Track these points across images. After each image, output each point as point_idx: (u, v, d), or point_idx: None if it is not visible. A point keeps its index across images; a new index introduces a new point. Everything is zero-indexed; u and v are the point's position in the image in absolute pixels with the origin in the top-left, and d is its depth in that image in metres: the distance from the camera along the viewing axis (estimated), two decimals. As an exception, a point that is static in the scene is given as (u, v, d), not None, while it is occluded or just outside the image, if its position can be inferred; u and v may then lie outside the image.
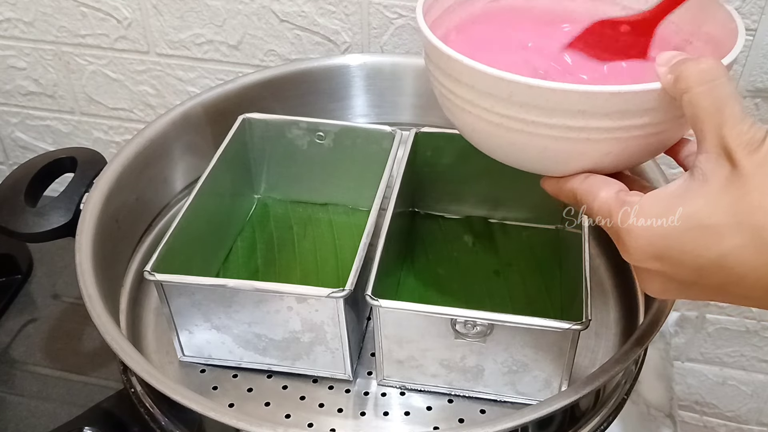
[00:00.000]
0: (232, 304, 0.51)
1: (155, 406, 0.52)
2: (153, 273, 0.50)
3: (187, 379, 0.55)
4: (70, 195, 0.59)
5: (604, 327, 0.59)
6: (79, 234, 0.55)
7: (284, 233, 0.65)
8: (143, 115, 0.87)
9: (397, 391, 0.54)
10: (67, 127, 0.90)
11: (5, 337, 0.70)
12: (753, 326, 0.88)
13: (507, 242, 0.64)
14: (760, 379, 0.92)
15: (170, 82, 0.83)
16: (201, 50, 0.80)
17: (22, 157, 0.93)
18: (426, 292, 0.59)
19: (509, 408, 0.53)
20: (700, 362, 0.92)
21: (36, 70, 0.86)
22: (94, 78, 0.85)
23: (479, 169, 0.63)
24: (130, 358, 0.47)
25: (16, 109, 0.90)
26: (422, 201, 0.66)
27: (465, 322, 0.48)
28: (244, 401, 0.54)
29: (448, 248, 0.63)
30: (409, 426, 0.52)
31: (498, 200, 0.65)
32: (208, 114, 0.67)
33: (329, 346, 0.52)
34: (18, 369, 0.68)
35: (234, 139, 0.62)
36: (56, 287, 0.76)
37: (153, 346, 0.58)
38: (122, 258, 0.61)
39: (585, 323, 0.47)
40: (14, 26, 0.83)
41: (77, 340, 0.71)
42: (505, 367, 0.50)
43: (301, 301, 0.49)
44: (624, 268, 0.62)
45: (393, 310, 0.49)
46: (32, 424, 0.63)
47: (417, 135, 0.61)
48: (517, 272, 0.61)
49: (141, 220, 0.64)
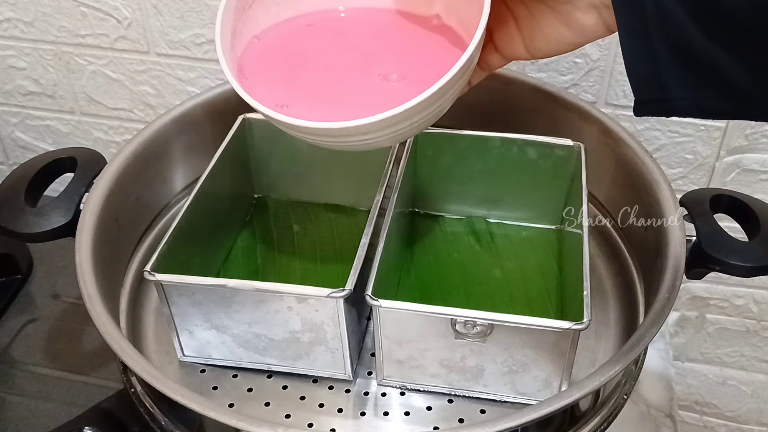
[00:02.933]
0: (232, 304, 0.51)
1: (155, 406, 0.52)
2: (153, 273, 0.50)
3: (187, 379, 0.55)
4: (70, 195, 0.59)
5: (604, 327, 0.59)
6: (79, 234, 0.55)
7: (284, 233, 0.65)
8: (143, 115, 0.87)
9: (397, 391, 0.54)
10: (67, 127, 0.90)
11: (5, 337, 0.70)
12: (753, 326, 0.88)
13: (507, 242, 0.64)
14: (760, 379, 0.92)
15: (170, 82, 0.83)
16: (201, 50, 0.80)
17: (22, 157, 0.93)
18: (426, 292, 0.59)
19: (509, 408, 0.53)
20: (700, 362, 0.93)
21: (36, 70, 0.86)
22: (94, 78, 0.85)
23: (479, 169, 0.63)
24: (130, 358, 0.47)
25: (16, 109, 0.90)
26: (422, 201, 0.66)
27: (465, 322, 0.48)
28: (244, 401, 0.54)
29: (448, 248, 0.63)
30: (409, 426, 0.52)
31: (498, 200, 0.65)
32: (208, 114, 0.67)
33: (329, 346, 0.52)
34: (18, 369, 0.68)
35: (234, 139, 0.62)
36: (56, 287, 0.76)
37: (153, 346, 0.58)
38: (122, 258, 0.61)
39: (585, 323, 0.47)
40: (14, 26, 0.83)
41: (77, 340, 0.71)
42: (505, 367, 0.50)
43: (301, 301, 0.49)
44: (624, 268, 0.62)
45: (393, 310, 0.49)
46: (32, 424, 0.63)
47: (417, 135, 0.61)
48: (517, 272, 0.61)
49: (141, 220, 0.64)
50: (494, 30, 0.46)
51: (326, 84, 0.49)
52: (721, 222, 0.56)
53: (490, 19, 0.43)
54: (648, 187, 0.58)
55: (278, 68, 0.50)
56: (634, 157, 0.60)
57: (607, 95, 0.74)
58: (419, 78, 0.47)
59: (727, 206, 0.59)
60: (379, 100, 0.47)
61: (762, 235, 0.55)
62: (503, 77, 0.68)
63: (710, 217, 0.57)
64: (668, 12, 0.36)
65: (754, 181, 0.77)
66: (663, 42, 0.37)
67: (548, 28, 0.43)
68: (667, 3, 0.36)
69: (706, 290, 0.86)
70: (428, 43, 0.50)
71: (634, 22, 0.38)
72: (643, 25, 0.37)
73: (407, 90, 0.45)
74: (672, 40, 0.37)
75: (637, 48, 0.38)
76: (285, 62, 0.50)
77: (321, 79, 0.50)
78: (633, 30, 0.38)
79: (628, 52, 0.39)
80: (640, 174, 0.59)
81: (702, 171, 0.77)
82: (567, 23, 0.42)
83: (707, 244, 0.55)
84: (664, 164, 0.76)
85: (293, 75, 0.50)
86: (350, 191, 0.66)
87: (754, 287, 0.84)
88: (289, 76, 0.50)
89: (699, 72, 0.37)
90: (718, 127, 0.74)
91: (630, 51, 0.39)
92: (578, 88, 0.75)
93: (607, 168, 0.63)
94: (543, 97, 0.67)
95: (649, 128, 0.75)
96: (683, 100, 0.38)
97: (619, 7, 0.38)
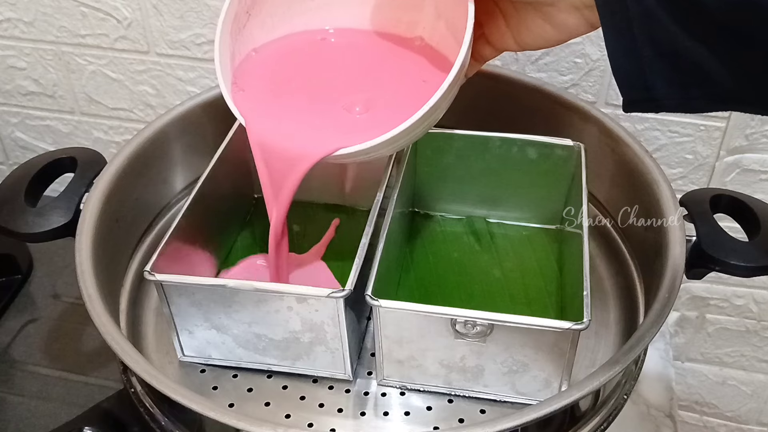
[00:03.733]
0: (232, 304, 0.51)
1: (155, 406, 0.52)
2: (153, 273, 0.50)
3: (187, 379, 0.55)
4: (70, 195, 0.59)
5: (604, 327, 0.59)
6: (79, 234, 0.55)
7: (284, 233, 0.65)
8: (143, 115, 0.87)
9: (397, 391, 0.54)
10: (67, 127, 0.90)
11: (5, 337, 0.70)
12: (753, 326, 0.88)
13: (507, 242, 0.64)
14: (760, 379, 0.92)
15: (170, 82, 0.83)
16: (201, 50, 0.80)
17: (22, 157, 0.93)
18: (426, 292, 0.59)
19: (509, 408, 0.53)
20: (700, 362, 0.93)
21: (36, 70, 0.86)
22: (94, 78, 0.85)
23: (479, 169, 0.63)
24: (130, 358, 0.47)
25: (16, 109, 0.90)
26: (422, 201, 0.66)
27: (465, 322, 0.48)
28: (244, 401, 0.54)
29: (448, 248, 0.63)
30: (409, 426, 0.52)
31: (498, 200, 0.65)
32: (208, 114, 0.67)
33: (329, 346, 0.52)
34: (18, 369, 0.68)
35: (234, 139, 0.62)
36: (56, 287, 0.76)
37: (153, 346, 0.58)
38: (122, 258, 0.61)
39: (585, 323, 0.47)
40: (14, 26, 0.83)
41: (77, 340, 0.71)
42: (505, 367, 0.50)
43: (301, 301, 0.49)
44: (624, 268, 0.62)
45: (393, 310, 0.49)
46: (32, 424, 0.63)
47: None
48: (517, 272, 0.61)
49: (141, 220, 0.64)
50: (484, 24, 0.47)
51: (306, 108, 0.52)
52: (721, 222, 0.56)
53: (480, 13, 0.45)
54: (648, 187, 0.58)
55: (266, 84, 0.53)
56: (634, 157, 0.60)
57: (607, 95, 0.74)
58: (390, 112, 0.50)
59: (727, 206, 0.59)
60: (346, 129, 0.50)
61: (762, 235, 0.55)
62: (503, 77, 0.68)
63: (710, 217, 0.57)
64: (652, 13, 0.37)
65: (754, 181, 0.77)
66: (647, 43, 0.38)
67: (533, 25, 0.44)
68: (650, 4, 0.36)
69: (706, 290, 0.86)
70: (408, 64, 0.53)
71: (618, 23, 0.38)
72: (627, 27, 0.38)
73: (379, 121, 0.49)
74: (656, 41, 0.37)
75: (622, 49, 0.39)
76: (272, 79, 0.54)
77: (300, 102, 0.53)
78: (617, 31, 0.38)
79: (613, 53, 0.39)
80: (640, 174, 0.59)
81: (702, 171, 0.77)
82: (550, 22, 0.43)
83: (707, 244, 0.55)
84: (664, 164, 0.76)
85: (278, 93, 0.53)
86: (350, 191, 0.66)
87: (754, 287, 0.84)
88: (274, 94, 0.53)
89: (684, 72, 0.37)
90: (718, 127, 0.74)
91: (615, 52, 0.39)
92: (578, 88, 0.75)
93: (607, 168, 0.63)
94: (543, 97, 0.67)
95: (649, 128, 0.75)
96: (669, 99, 0.39)
97: (603, 8, 0.39)
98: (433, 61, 0.53)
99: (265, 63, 0.54)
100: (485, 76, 0.68)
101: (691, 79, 0.38)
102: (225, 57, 0.51)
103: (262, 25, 0.54)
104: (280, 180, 0.50)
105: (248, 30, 0.53)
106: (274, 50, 0.55)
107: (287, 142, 0.50)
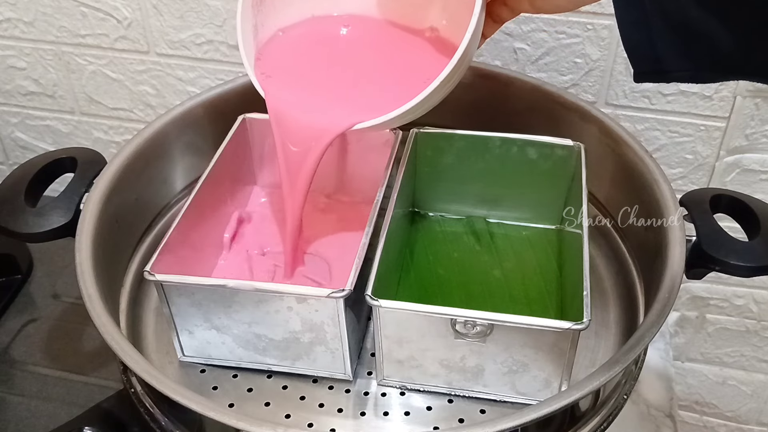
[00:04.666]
0: (232, 304, 0.51)
1: (155, 406, 0.52)
2: (153, 273, 0.50)
3: (187, 379, 0.55)
4: (70, 195, 0.59)
5: (604, 327, 0.59)
6: (79, 234, 0.55)
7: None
8: (143, 115, 0.87)
9: (397, 391, 0.54)
10: (67, 127, 0.90)
11: (5, 337, 0.70)
12: (753, 326, 0.88)
13: (507, 242, 0.64)
14: (760, 379, 0.92)
15: (170, 82, 0.83)
16: (201, 50, 0.80)
17: (22, 157, 0.93)
18: (426, 292, 0.59)
19: (509, 408, 0.52)
20: (700, 362, 0.93)
21: (36, 70, 0.86)
22: (94, 78, 0.85)
23: (479, 169, 0.63)
24: (130, 358, 0.47)
25: (16, 109, 0.90)
26: (422, 201, 0.66)
27: (465, 322, 0.48)
28: (244, 401, 0.54)
29: (448, 248, 0.63)
30: (409, 426, 0.52)
31: (498, 200, 0.65)
32: (208, 114, 0.67)
33: (329, 346, 0.52)
34: (18, 369, 0.68)
35: (234, 139, 0.62)
36: (56, 287, 0.76)
37: (153, 346, 0.58)
38: (122, 258, 0.61)
39: (585, 323, 0.47)
40: (14, 26, 0.83)
41: (77, 340, 0.71)
42: (505, 367, 0.50)
43: (301, 302, 0.49)
44: (624, 268, 0.62)
45: (393, 310, 0.49)
46: (32, 424, 0.63)
47: (417, 135, 0.61)
48: (517, 272, 0.61)
49: (141, 220, 0.64)
50: None
51: (325, 88, 0.55)
52: (721, 222, 0.56)
53: None
54: (648, 187, 0.58)
55: (291, 64, 0.56)
56: (634, 157, 0.60)
57: (607, 95, 0.74)
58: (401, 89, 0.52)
59: (727, 206, 0.59)
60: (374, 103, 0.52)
61: (762, 235, 0.55)
62: (503, 77, 0.68)
63: (710, 217, 0.57)
64: None
65: (754, 181, 0.77)
66: (657, 14, 0.38)
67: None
68: None
69: (706, 290, 0.86)
70: (419, 51, 0.56)
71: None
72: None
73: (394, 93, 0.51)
74: (666, 12, 0.37)
75: (632, 19, 0.39)
76: (295, 60, 0.56)
77: (319, 83, 0.55)
78: (628, 1, 0.39)
79: (623, 24, 0.39)
80: (640, 174, 0.59)
81: (702, 171, 0.77)
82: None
83: (707, 244, 0.55)
84: (664, 164, 0.76)
85: (298, 75, 0.55)
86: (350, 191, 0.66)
87: (754, 287, 0.84)
88: (295, 75, 0.55)
89: (694, 43, 0.37)
90: (718, 127, 0.74)
91: (625, 23, 0.39)
92: (578, 88, 0.75)
93: (607, 168, 0.63)
94: (543, 97, 0.67)
95: (649, 128, 0.75)
96: (679, 71, 0.39)
97: None
98: (444, 48, 0.55)
99: (289, 44, 0.57)
100: (485, 76, 0.68)
101: (701, 50, 0.37)
102: (247, 29, 0.54)
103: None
104: (299, 160, 0.53)
105: (270, 2, 0.56)
106: (299, 34, 0.58)
107: (308, 116, 0.53)
